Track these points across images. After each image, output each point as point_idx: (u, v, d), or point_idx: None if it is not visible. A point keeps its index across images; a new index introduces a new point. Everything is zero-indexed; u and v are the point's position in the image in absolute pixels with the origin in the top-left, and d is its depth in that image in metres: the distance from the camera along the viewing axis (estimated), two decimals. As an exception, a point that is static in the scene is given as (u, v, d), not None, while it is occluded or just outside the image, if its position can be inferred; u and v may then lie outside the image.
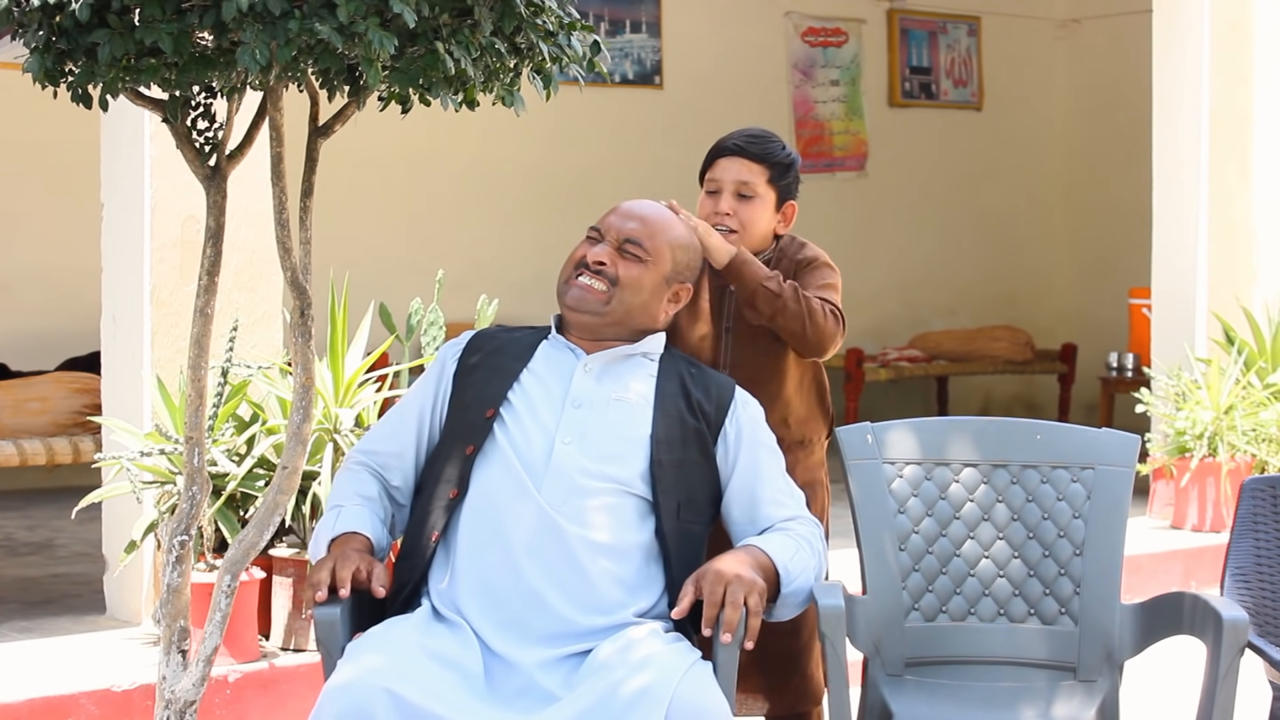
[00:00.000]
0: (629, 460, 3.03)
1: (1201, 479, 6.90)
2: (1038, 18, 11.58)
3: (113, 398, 5.07)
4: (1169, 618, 3.31)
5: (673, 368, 3.17)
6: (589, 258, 3.14)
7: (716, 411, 3.14)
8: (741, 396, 3.20)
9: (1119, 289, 10.20)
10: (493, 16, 2.87)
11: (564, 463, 2.99)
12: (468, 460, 3.02)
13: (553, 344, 3.18)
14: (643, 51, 10.06)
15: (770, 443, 3.21)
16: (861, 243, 10.88)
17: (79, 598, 5.47)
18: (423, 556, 3.03)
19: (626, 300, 3.13)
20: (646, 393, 3.11)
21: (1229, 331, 7.20)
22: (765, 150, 3.59)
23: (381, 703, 2.69)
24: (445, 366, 3.19)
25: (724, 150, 3.61)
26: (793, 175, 3.64)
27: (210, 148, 3.14)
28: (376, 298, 4.95)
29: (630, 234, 3.17)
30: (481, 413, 3.06)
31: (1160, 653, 3.58)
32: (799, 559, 3.06)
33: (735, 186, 3.57)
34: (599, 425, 3.04)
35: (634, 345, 3.16)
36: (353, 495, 3.14)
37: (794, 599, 3.06)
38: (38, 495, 7.77)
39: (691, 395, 3.13)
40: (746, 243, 3.55)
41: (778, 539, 3.08)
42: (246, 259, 4.90)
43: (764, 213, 3.59)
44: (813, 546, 3.11)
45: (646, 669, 2.74)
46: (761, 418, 3.23)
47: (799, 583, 3.05)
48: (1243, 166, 7.39)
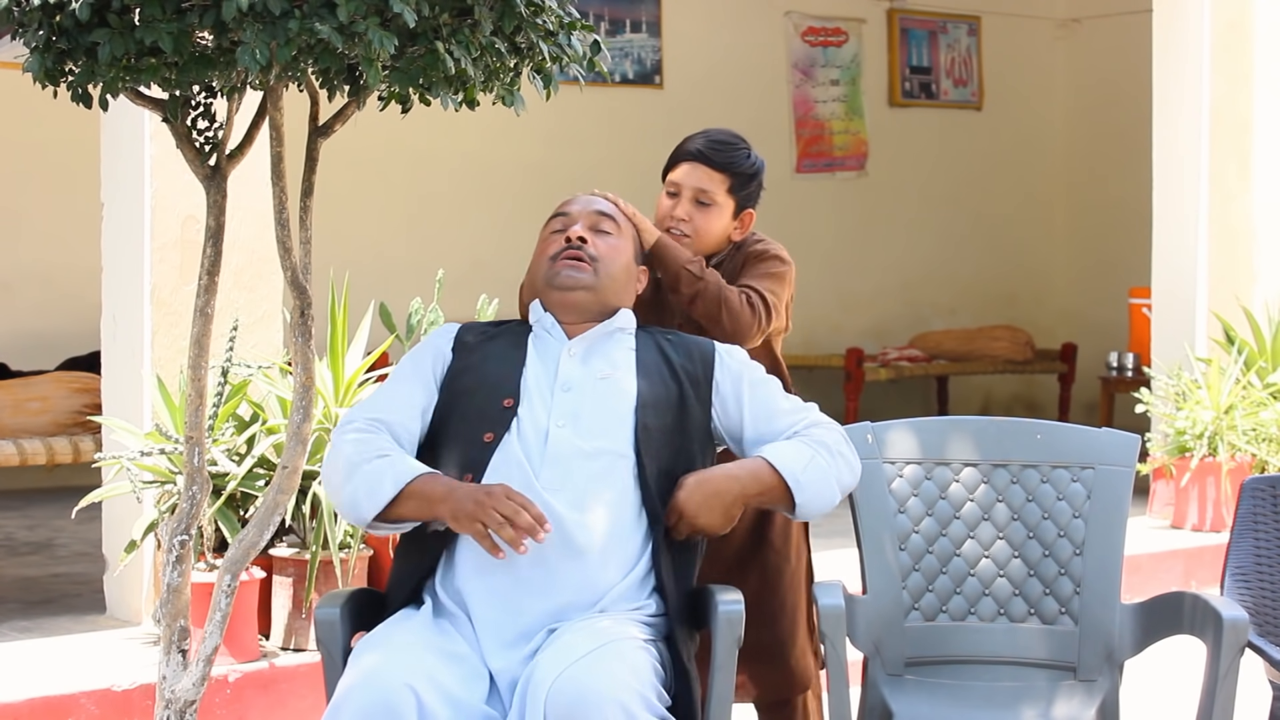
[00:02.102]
0: (619, 431, 3.05)
1: (1201, 479, 6.90)
2: (1038, 17, 11.59)
3: (113, 397, 5.07)
4: (1169, 617, 3.32)
5: (649, 339, 3.22)
6: (572, 234, 3.20)
7: (703, 370, 3.17)
8: (722, 348, 3.24)
9: (1119, 289, 10.20)
10: (493, 16, 2.87)
11: (559, 446, 3.00)
12: (486, 448, 3.01)
13: (537, 332, 3.20)
14: (643, 51, 10.06)
15: (763, 376, 3.24)
16: (861, 243, 10.89)
17: (79, 597, 5.47)
18: (434, 542, 3.02)
19: (611, 271, 3.20)
20: (629, 364, 3.15)
21: (1229, 331, 7.20)
22: (729, 159, 3.58)
23: (405, 698, 2.69)
24: (439, 350, 3.18)
25: (687, 155, 3.61)
26: (755, 185, 3.63)
27: (210, 147, 3.14)
28: (376, 297, 4.95)
29: (599, 213, 3.26)
30: (498, 401, 3.06)
31: (1160, 653, 3.58)
32: (813, 466, 3.06)
33: (694, 193, 3.57)
34: (590, 405, 3.06)
35: (611, 321, 3.19)
36: (388, 448, 3.02)
37: (815, 505, 3.07)
38: (38, 495, 7.77)
39: (672, 360, 3.17)
40: (699, 247, 3.58)
41: (791, 449, 3.08)
42: (246, 259, 4.90)
43: (720, 221, 3.60)
44: (830, 450, 3.11)
45: (547, 658, 2.75)
46: (746, 357, 3.26)
47: (816, 488, 3.06)
48: (1243, 166, 7.40)
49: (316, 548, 4.50)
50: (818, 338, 10.55)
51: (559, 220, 3.26)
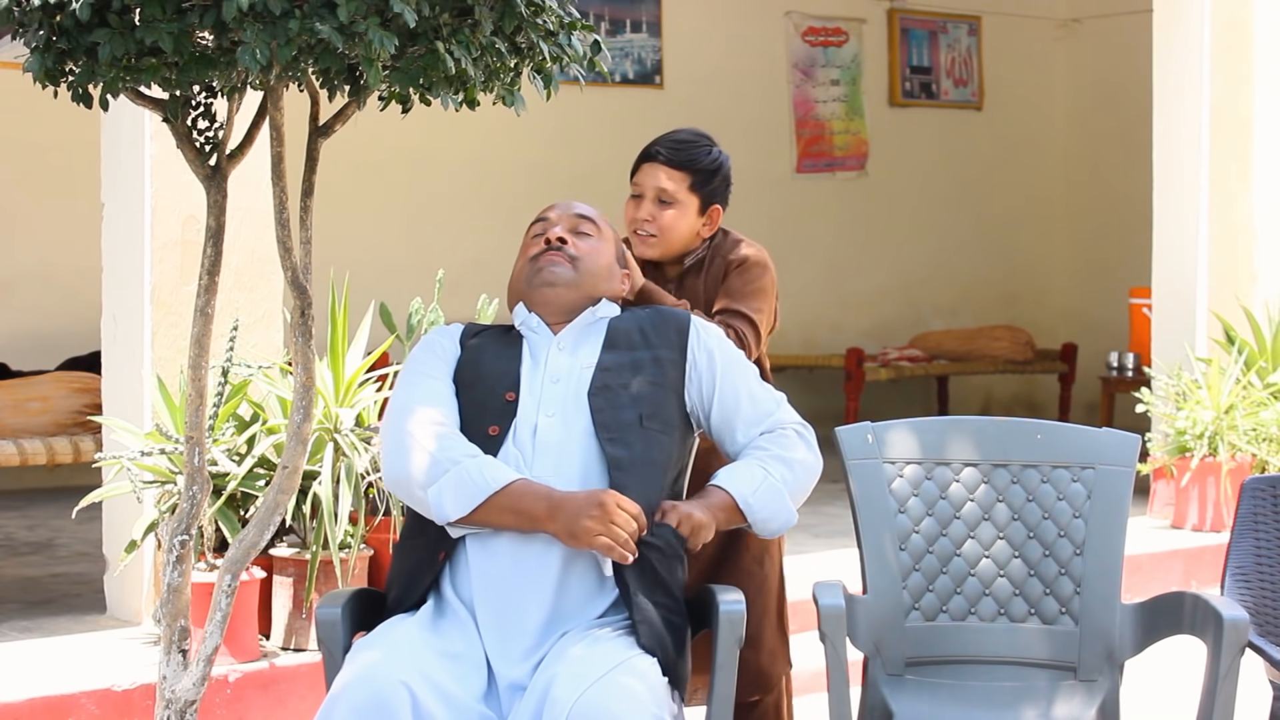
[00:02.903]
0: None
1: (1202, 479, 6.90)
2: (1038, 17, 11.59)
3: (113, 397, 5.07)
4: (1169, 617, 3.32)
5: (629, 313, 3.27)
6: (551, 235, 3.24)
7: (677, 336, 3.20)
8: (697, 322, 3.27)
9: (1119, 288, 10.20)
10: (493, 16, 2.87)
11: (548, 435, 3.05)
12: (493, 440, 3.05)
13: (525, 333, 3.24)
14: (643, 51, 10.06)
15: (737, 357, 3.27)
16: (861, 243, 10.89)
17: (79, 597, 5.47)
18: (435, 544, 3.02)
19: (591, 269, 3.23)
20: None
21: (1229, 331, 7.20)
22: (688, 158, 3.65)
23: (399, 696, 2.71)
24: (448, 348, 3.22)
25: (647, 156, 3.69)
26: (718, 181, 3.68)
27: (210, 147, 3.14)
28: (376, 297, 4.94)
29: (580, 216, 3.30)
30: (500, 395, 3.10)
31: (1160, 653, 3.58)
32: (765, 488, 3.11)
33: (655, 193, 3.64)
34: (576, 394, 3.10)
35: (594, 310, 3.23)
36: (473, 448, 3.01)
37: (770, 524, 3.13)
38: (38, 495, 7.77)
39: (643, 328, 3.21)
40: (667, 247, 3.65)
41: (744, 471, 3.14)
42: (247, 259, 4.90)
43: (685, 219, 3.65)
44: (786, 462, 3.15)
45: (565, 674, 2.76)
46: (721, 335, 3.29)
47: (769, 510, 3.11)
48: (1243, 166, 7.39)
49: (317, 548, 4.50)
50: (818, 338, 10.56)
51: (539, 225, 3.32)
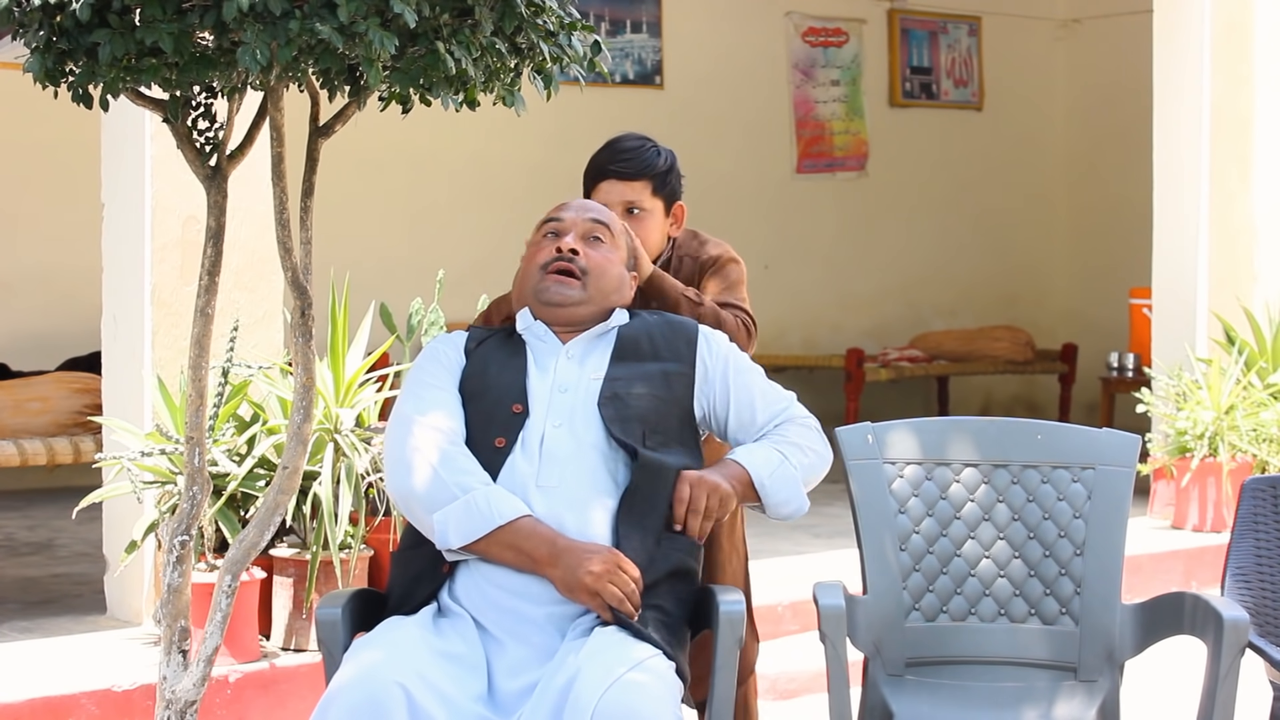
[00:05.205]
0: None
1: (1202, 479, 6.90)
2: (1038, 18, 11.58)
3: (113, 398, 5.07)
4: (1169, 618, 3.32)
5: (638, 320, 3.26)
6: (564, 246, 3.21)
7: (686, 346, 3.21)
8: (705, 332, 3.27)
9: (1119, 289, 10.20)
10: (493, 16, 2.87)
11: (555, 446, 3.03)
12: (499, 452, 3.04)
13: (530, 339, 3.22)
14: (643, 51, 10.06)
15: (745, 363, 3.28)
16: (861, 243, 10.89)
17: (79, 598, 5.47)
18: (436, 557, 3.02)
19: (601, 285, 3.22)
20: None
21: (1229, 331, 7.20)
22: (641, 166, 3.62)
23: (394, 696, 2.70)
24: (451, 358, 3.20)
25: (603, 173, 3.64)
26: (674, 177, 3.67)
27: (211, 148, 3.14)
28: (377, 298, 4.95)
29: (594, 221, 3.28)
30: (507, 406, 3.09)
31: (1160, 653, 3.58)
32: (781, 472, 3.12)
33: (623, 206, 3.61)
34: (585, 404, 3.09)
35: (606, 324, 3.22)
36: (481, 473, 3.00)
37: (783, 508, 3.14)
38: (38, 495, 7.77)
39: (653, 337, 3.21)
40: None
41: (762, 452, 3.15)
42: (247, 259, 4.90)
43: (656, 223, 3.64)
44: (802, 449, 3.17)
45: (581, 673, 2.75)
46: (727, 341, 3.30)
47: (783, 493, 3.13)
48: (1243, 166, 7.39)
49: (317, 548, 4.50)
50: (818, 338, 10.56)
51: (551, 225, 3.29)
